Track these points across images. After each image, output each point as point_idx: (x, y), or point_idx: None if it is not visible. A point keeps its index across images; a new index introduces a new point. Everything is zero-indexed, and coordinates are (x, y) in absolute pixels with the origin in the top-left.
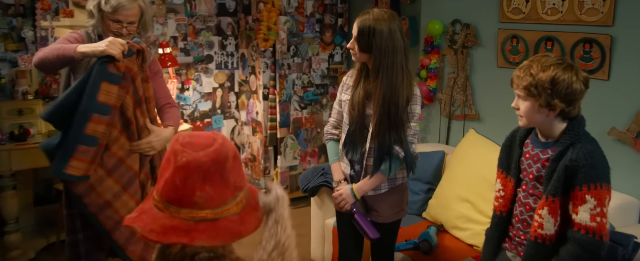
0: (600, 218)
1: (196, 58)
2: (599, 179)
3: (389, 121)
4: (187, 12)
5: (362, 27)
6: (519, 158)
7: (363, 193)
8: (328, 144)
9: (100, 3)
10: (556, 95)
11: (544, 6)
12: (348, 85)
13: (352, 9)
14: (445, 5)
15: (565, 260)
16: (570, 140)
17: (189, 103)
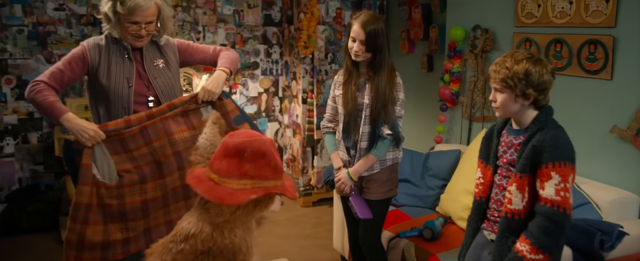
0: (564, 192)
1: (243, 65)
2: (563, 158)
3: (380, 107)
4: (236, 22)
5: (370, 31)
6: (496, 148)
7: (359, 174)
8: (326, 136)
9: (116, 5)
10: (530, 85)
11: (554, 10)
12: (340, 82)
13: (389, 18)
14: (468, 11)
15: (533, 232)
16: (539, 126)
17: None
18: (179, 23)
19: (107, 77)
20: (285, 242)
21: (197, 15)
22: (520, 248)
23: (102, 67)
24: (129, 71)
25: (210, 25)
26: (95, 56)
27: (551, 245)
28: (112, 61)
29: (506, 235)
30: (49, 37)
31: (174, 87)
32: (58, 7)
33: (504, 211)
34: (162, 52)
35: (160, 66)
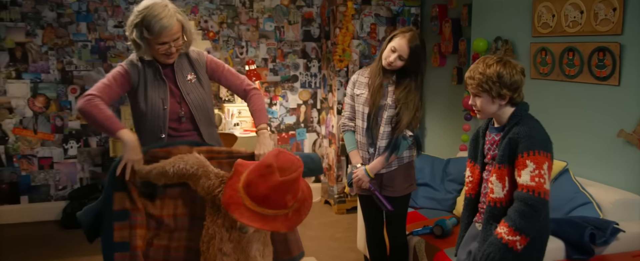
0: (538, 178)
1: (283, 77)
2: (537, 147)
3: (409, 113)
4: (277, 38)
5: (413, 51)
6: (482, 147)
7: (376, 171)
8: (345, 135)
9: (142, 31)
10: (503, 86)
11: (567, 19)
12: (360, 82)
13: (422, 33)
14: (491, 23)
15: (511, 216)
16: (515, 120)
17: (276, 117)
18: (224, 38)
19: (144, 99)
20: (316, 243)
21: (241, 31)
22: (500, 231)
23: (140, 88)
24: (164, 91)
25: (252, 41)
26: (134, 76)
27: (527, 226)
28: (148, 81)
29: (490, 222)
30: (108, 51)
31: (205, 101)
32: (117, 24)
33: (488, 201)
34: (193, 65)
35: (193, 81)
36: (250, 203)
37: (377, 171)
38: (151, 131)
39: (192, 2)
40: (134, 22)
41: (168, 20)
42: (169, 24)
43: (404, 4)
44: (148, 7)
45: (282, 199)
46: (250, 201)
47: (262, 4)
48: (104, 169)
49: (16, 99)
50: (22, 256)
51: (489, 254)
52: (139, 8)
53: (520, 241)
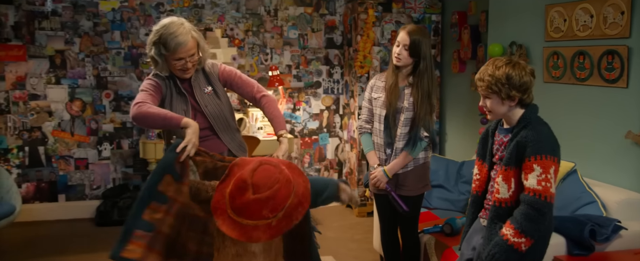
0: (545, 182)
1: (306, 84)
2: (545, 152)
3: (424, 113)
4: (300, 45)
5: (414, 39)
6: (491, 147)
7: (394, 172)
8: (362, 137)
9: (160, 48)
10: (512, 87)
11: (578, 23)
12: (377, 86)
13: (443, 40)
14: (506, 29)
15: (517, 218)
16: (524, 123)
17: (299, 121)
18: (249, 46)
19: (170, 110)
20: (335, 244)
21: (266, 38)
22: (505, 232)
23: (167, 99)
24: (185, 103)
25: (277, 48)
26: (163, 88)
27: (533, 229)
28: (173, 94)
29: (495, 221)
30: (140, 58)
31: (223, 110)
32: (148, 32)
33: (493, 200)
34: (209, 78)
35: (210, 93)
36: (231, 212)
37: (395, 171)
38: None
39: (219, 11)
40: (153, 40)
41: (183, 37)
42: (184, 41)
43: (425, 11)
44: (165, 26)
45: (258, 213)
46: (230, 210)
47: (286, 12)
48: (135, 170)
49: (55, 103)
50: (59, 251)
51: (494, 254)
52: (157, 27)
53: (525, 243)
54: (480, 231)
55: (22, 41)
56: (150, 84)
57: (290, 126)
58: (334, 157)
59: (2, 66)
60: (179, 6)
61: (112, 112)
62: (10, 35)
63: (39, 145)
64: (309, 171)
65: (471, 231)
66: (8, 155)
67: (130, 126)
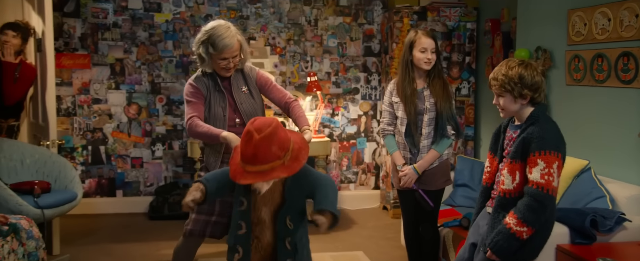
0: (547, 176)
1: (345, 90)
2: (549, 147)
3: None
4: (339, 53)
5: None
6: (502, 142)
7: (423, 169)
8: (386, 138)
9: (208, 47)
10: (525, 86)
11: (597, 27)
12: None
13: (478, 47)
14: (532, 34)
15: (520, 208)
16: (532, 120)
17: (338, 126)
18: (291, 54)
19: (208, 108)
20: (366, 241)
21: (306, 47)
22: (509, 221)
23: (207, 98)
24: (223, 100)
25: (317, 56)
26: (203, 88)
27: (534, 219)
28: (211, 92)
29: (499, 210)
30: (190, 65)
31: (256, 110)
32: None
33: (498, 191)
34: (246, 79)
35: (246, 92)
36: (247, 167)
37: (425, 168)
38: None
39: (262, 21)
40: (201, 39)
41: (230, 40)
42: (231, 43)
43: (460, 19)
44: (214, 28)
45: (269, 152)
46: (246, 165)
47: (326, 22)
48: (185, 170)
49: (115, 106)
50: (116, 240)
51: (498, 241)
52: (206, 28)
53: (526, 231)
54: (486, 218)
55: (87, 51)
56: (191, 92)
57: (329, 130)
58: (371, 160)
59: (69, 73)
60: (226, 17)
61: (165, 116)
62: (77, 45)
63: (100, 145)
64: (347, 174)
65: (478, 218)
66: (74, 153)
67: (180, 128)
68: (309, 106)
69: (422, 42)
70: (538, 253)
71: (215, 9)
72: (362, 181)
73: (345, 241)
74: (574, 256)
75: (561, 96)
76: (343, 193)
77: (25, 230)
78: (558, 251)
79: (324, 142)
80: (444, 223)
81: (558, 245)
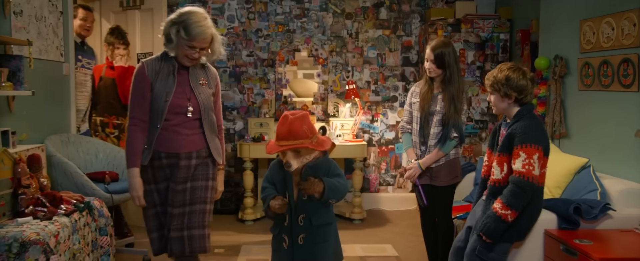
0: (528, 166)
1: (384, 98)
2: (529, 141)
3: (452, 112)
4: (379, 63)
5: (437, 53)
6: (498, 138)
7: (426, 165)
8: (403, 136)
9: (179, 30)
10: (510, 88)
11: (603, 36)
12: (416, 92)
13: (511, 57)
14: (552, 43)
15: (505, 194)
16: (518, 118)
17: (377, 132)
18: (333, 64)
19: (152, 90)
20: (397, 236)
21: (348, 58)
22: (495, 206)
23: (152, 80)
24: (171, 86)
25: (357, 66)
26: (150, 71)
27: (517, 203)
28: (160, 76)
29: (490, 197)
30: (242, 75)
31: (211, 105)
32: (249, 54)
33: (490, 181)
34: (207, 75)
35: (204, 85)
36: (280, 142)
37: (428, 165)
38: (152, 119)
39: (307, 34)
40: (174, 20)
41: (204, 29)
42: (204, 33)
43: (493, 31)
44: (191, 13)
45: (301, 130)
46: (280, 141)
47: (366, 34)
48: (236, 170)
49: None
50: None
51: (486, 223)
52: (182, 11)
53: (511, 214)
54: (482, 205)
55: None
56: (138, 79)
57: (368, 135)
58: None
59: None
60: (274, 31)
61: None
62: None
63: None
64: (385, 177)
65: (476, 206)
66: None
67: (233, 132)
68: (348, 113)
69: (426, 53)
70: (524, 235)
71: (265, 24)
72: (400, 184)
73: (377, 236)
74: (558, 239)
75: (575, 101)
76: (381, 195)
77: (97, 209)
78: (546, 235)
79: (361, 145)
80: (458, 215)
81: (546, 229)
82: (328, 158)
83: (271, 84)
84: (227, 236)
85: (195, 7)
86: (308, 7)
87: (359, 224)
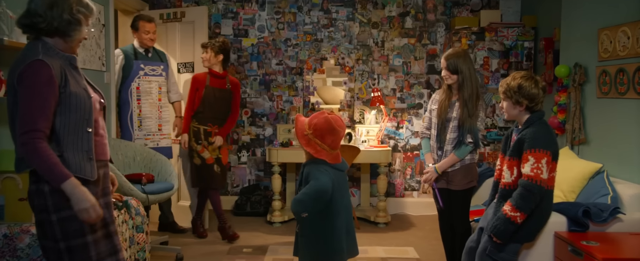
0: (536, 170)
1: (409, 105)
2: (538, 146)
3: (466, 117)
4: (404, 71)
5: (449, 61)
6: (509, 143)
7: (442, 169)
8: (423, 141)
9: (81, 7)
10: (522, 95)
11: (619, 44)
12: (436, 100)
13: (537, 66)
14: (572, 51)
15: (514, 197)
16: (528, 124)
17: (402, 138)
18: (359, 72)
19: (68, 96)
20: (420, 240)
21: (374, 66)
22: (505, 208)
23: (61, 86)
24: (83, 80)
25: (383, 74)
26: (58, 77)
27: (525, 205)
28: (67, 72)
29: (501, 200)
30: (271, 83)
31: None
32: (278, 62)
33: (501, 185)
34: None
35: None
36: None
37: (443, 169)
38: (75, 127)
39: (334, 43)
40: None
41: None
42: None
43: (517, 39)
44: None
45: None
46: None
47: (392, 43)
48: (265, 174)
49: None
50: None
51: (496, 225)
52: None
53: (520, 216)
54: (493, 207)
55: None
56: (46, 80)
57: (394, 141)
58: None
59: None
60: (302, 40)
61: (249, 126)
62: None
63: None
64: (410, 183)
65: (488, 208)
66: None
67: (262, 137)
68: (373, 119)
69: (441, 62)
70: (534, 236)
71: (293, 34)
72: (425, 189)
73: (401, 239)
74: (567, 241)
75: (594, 108)
76: (406, 200)
77: (134, 208)
78: (556, 237)
79: (386, 151)
80: (474, 218)
81: (556, 231)
82: (315, 163)
83: (299, 91)
84: (255, 237)
85: None
86: (335, 17)
87: (384, 228)
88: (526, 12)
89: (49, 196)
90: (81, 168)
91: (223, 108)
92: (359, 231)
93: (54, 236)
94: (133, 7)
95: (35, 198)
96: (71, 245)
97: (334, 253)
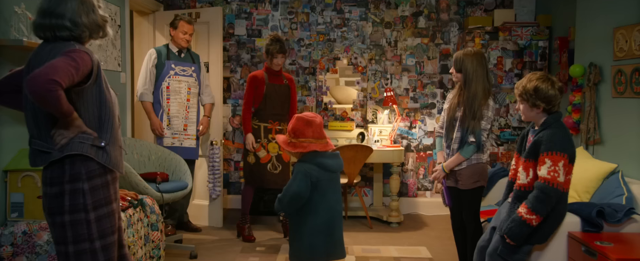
0: (553, 173)
1: (422, 105)
2: (555, 149)
3: (470, 118)
4: (417, 71)
5: (455, 60)
6: (525, 144)
7: (449, 168)
8: (436, 139)
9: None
10: (538, 98)
11: (635, 43)
12: (449, 99)
13: (551, 65)
14: (587, 51)
15: (530, 199)
16: (545, 126)
17: (415, 138)
18: (372, 72)
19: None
20: (433, 240)
21: (386, 66)
22: (520, 210)
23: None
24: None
25: (396, 74)
26: (95, 65)
27: (541, 208)
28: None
29: (515, 201)
30: None
31: None
32: (291, 62)
33: (516, 186)
34: None
35: None
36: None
37: (450, 168)
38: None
39: (347, 43)
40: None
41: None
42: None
43: (531, 38)
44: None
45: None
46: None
47: (405, 43)
48: None
49: (223, 118)
50: (221, 229)
51: (511, 227)
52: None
53: (535, 219)
54: (506, 207)
55: None
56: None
57: (407, 141)
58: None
59: None
60: (315, 40)
61: None
62: None
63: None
64: (423, 182)
65: (501, 207)
66: None
67: None
68: (386, 119)
69: None
70: (546, 238)
71: (306, 34)
72: (438, 189)
73: (413, 238)
74: (581, 241)
75: (609, 108)
76: (419, 200)
77: (149, 206)
78: (569, 237)
79: (398, 151)
80: (488, 218)
81: (569, 232)
82: (303, 162)
83: (312, 91)
84: (268, 235)
85: None
86: (348, 17)
87: (396, 227)
88: (541, 12)
89: (88, 194)
90: (117, 163)
91: (283, 103)
92: (372, 231)
93: (90, 236)
94: (148, 8)
95: (69, 199)
96: (106, 243)
97: (306, 251)
